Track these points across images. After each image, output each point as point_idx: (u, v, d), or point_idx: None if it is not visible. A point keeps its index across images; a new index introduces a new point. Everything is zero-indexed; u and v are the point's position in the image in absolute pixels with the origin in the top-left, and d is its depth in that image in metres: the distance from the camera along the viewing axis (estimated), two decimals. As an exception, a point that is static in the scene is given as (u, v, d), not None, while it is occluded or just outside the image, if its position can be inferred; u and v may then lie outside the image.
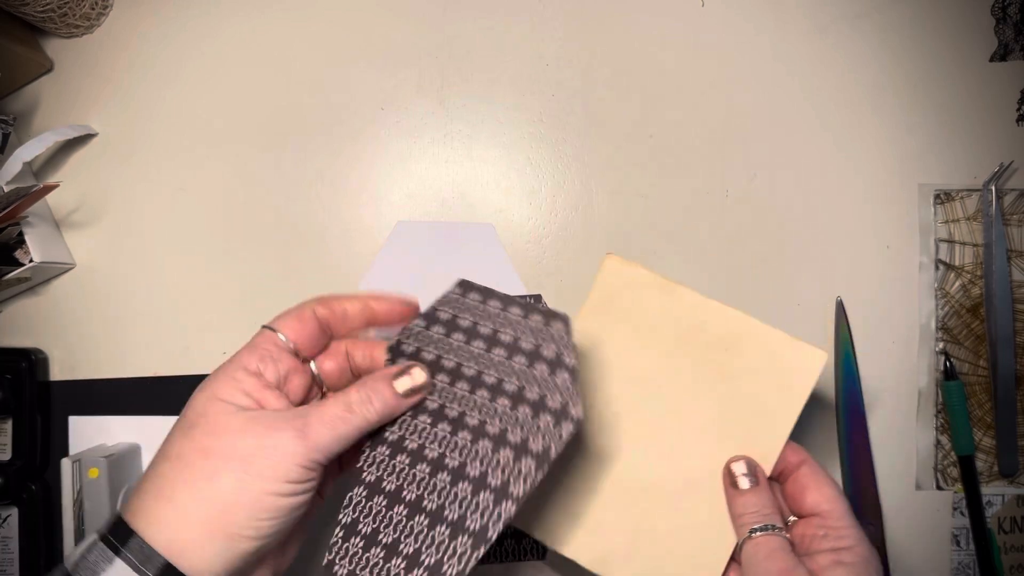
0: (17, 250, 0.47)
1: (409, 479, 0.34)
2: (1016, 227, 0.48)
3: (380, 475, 0.34)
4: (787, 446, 0.37)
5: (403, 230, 0.50)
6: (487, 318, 0.36)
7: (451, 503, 0.33)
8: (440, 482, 0.33)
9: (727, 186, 0.49)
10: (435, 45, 0.50)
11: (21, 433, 0.48)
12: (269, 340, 0.34)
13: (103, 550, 0.29)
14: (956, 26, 0.49)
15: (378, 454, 0.35)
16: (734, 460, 0.37)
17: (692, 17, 0.50)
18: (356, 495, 0.34)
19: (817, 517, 0.36)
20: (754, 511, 0.35)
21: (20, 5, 0.47)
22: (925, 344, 0.48)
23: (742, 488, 0.36)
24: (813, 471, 0.37)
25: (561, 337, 0.34)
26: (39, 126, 0.51)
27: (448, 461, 0.34)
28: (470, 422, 0.34)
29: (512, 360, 0.35)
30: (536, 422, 0.33)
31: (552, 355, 0.34)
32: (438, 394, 0.35)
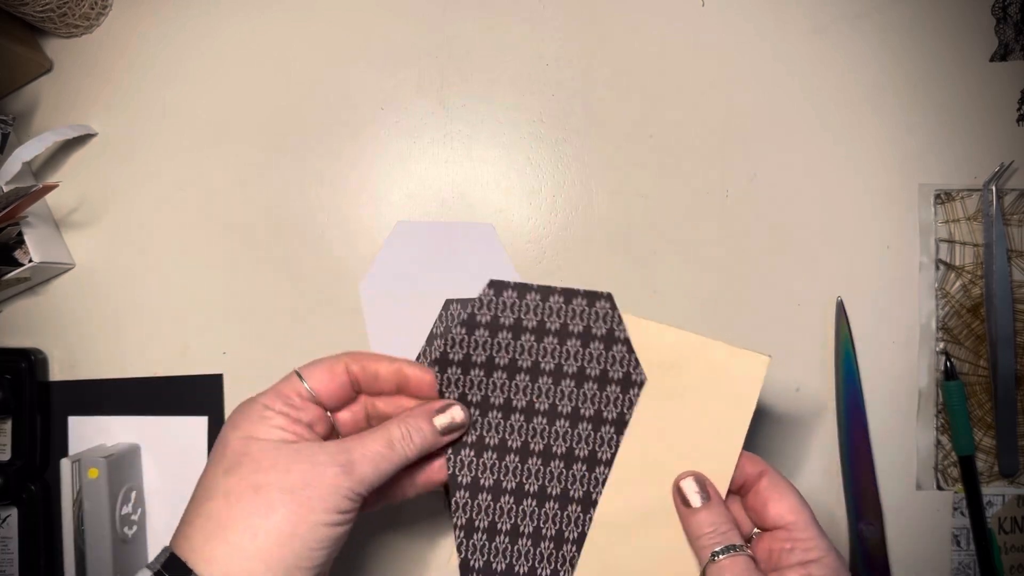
0: (17, 250, 0.47)
1: (503, 471, 0.37)
2: (1016, 227, 0.48)
3: (475, 475, 0.37)
4: (745, 458, 0.36)
5: (403, 230, 0.50)
6: (529, 311, 0.37)
7: (550, 481, 0.37)
8: (533, 466, 0.37)
9: (727, 186, 0.49)
10: (435, 45, 0.50)
11: (21, 433, 0.48)
12: (294, 389, 0.35)
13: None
14: (956, 26, 0.49)
15: (463, 457, 0.37)
16: (682, 478, 0.36)
17: (692, 17, 0.50)
18: (460, 498, 0.37)
19: (782, 530, 0.35)
20: (711, 530, 0.34)
21: (20, 5, 0.47)
22: (925, 344, 0.48)
23: (694, 506, 0.35)
24: (774, 482, 0.36)
25: (607, 313, 0.37)
26: (39, 126, 0.51)
27: (533, 446, 0.37)
28: (540, 408, 0.37)
29: (565, 345, 0.37)
30: (604, 394, 0.37)
31: (603, 332, 0.37)
32: (500, 389, 0.37)
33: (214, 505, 0.31)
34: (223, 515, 0.31)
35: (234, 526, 0.30)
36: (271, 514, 0.30)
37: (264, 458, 0.32)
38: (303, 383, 0.35)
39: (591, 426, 0.37)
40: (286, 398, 0.34)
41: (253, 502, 0.30)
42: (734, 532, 0.34)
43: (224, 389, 0.49)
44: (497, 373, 0.37)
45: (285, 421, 0.33)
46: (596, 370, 0.37)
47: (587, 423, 0.37)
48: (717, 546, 0.34)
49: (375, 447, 0.33)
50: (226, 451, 0.32)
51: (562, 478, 0.37)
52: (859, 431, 0.47)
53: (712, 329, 0.48)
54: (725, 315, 0.48)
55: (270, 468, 0.31)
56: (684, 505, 0.35)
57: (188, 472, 0.49)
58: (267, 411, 0.33)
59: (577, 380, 0.37)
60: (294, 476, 0.31)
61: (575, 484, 0.37)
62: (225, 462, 0.32)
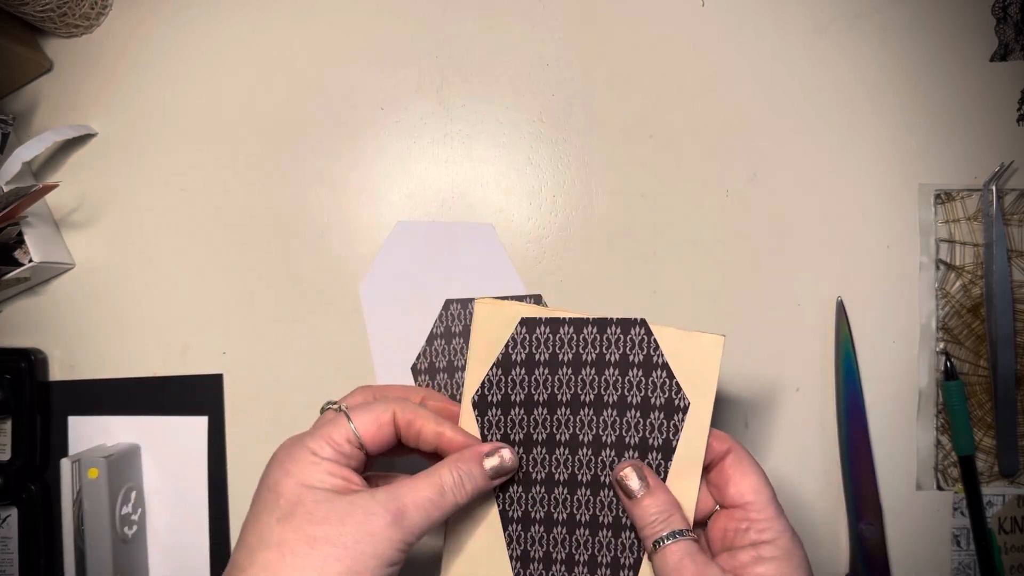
0: (17, 250, 0.47)
1: (553, 503, 0.37)
2: (1016, 227, 0.48)
3: (525, 509, 0.37)
4: (711, 435, 0.36)
5: (403, 230, 0.50)
6: (564, 345, 0.37)
7: (600, 510, 0.37)
8: (582, 496, 0.37)
9: (727, 186, 0.49)
10: (435, 45, 0.50)
11: (21, 433, 0.48)
12: (344, 435, 0.34)
13: None
14: (956, 26, 0.49)
15: (512, 494, 0.37)
16: (620, 469, 0.36)
17: (692, 17, 0.50)
18: (513, 531, 0.37)
19: (740, 509, 0.35)
20: (653, 518, 0.34)
21: (20, 5, 0.47)
22: (925, 344, 0.48)
23: (638, 496, 0.35)
24: (738, 459, 0.35)
25: (643, 340, 0.36)
26: (38, 126, 0.51)
27: (580, 477, 0.37)
28: (584, 439, 0.37)
29: (603, 375, 0.37)
30: (647, 421, 0.36)
31: (641, 358, 0.36)
32: (542, 425, 0.37)
33: (270, 556, 0.31)
34: (279, 567, 0.31)
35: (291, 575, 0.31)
36: (326, 569, 0.31)
37: (318, 510, 0.32)
38: (352, 428, 0.34)
39: (637, 454, 0.36)
40: (336, 445, 0.34)
41: (309, 557, 0.31)
42: (677, 517, 0.34)
43: (224, 389, 0.49)
44: (538, 410, 0.37)
45: (335, 468, 0.33)
46: (637, 398, 0.36)
47: (632, 451, 0.36)
48: (661, 532, 0.34)
49: (426, 494, 0.33)
50: (279, 499, 0.32)
51: (613, 507, 0.37)
52: (859, 431, 0.47)
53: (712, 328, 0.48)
54: (725, 315, 0.48)
55: (324, 521, 0.31)
56: (627, 497, 0.35)
57: (188, 472, 0.49)
58: (315, 457, 0.33)
59: (619, 409, 0.37)
60: (348, 530, 0.31)
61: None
62: (279, 511, 0.32)
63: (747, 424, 0.48)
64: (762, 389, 0.48)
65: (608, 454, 0.37)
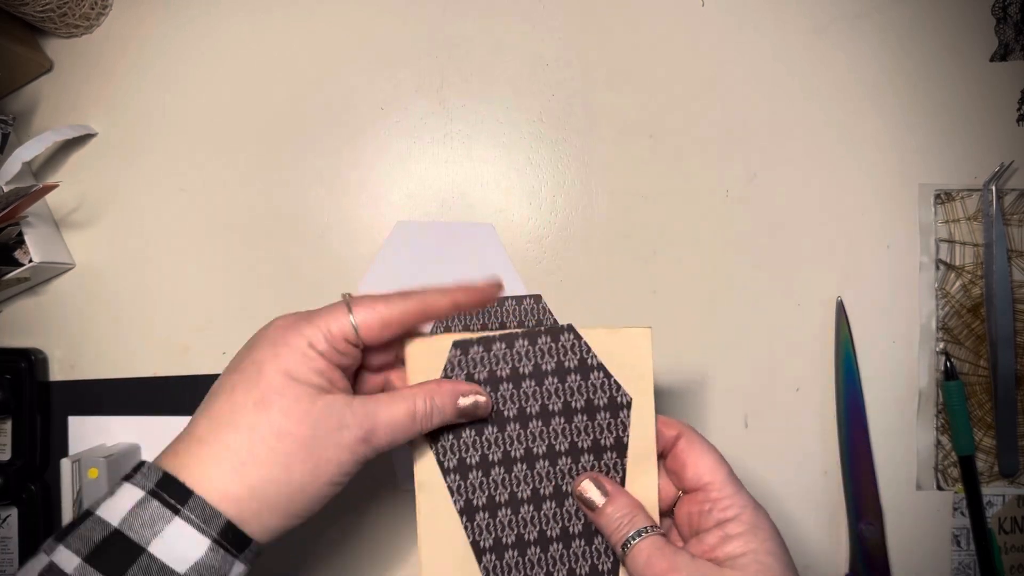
0: (17, 250, 0.47)
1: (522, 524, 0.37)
2: (1016, 227, 0.48)
3: (496, 535, 0.37)
4: (660, 422, 0.36)
5: (403, 230, 0.50)
6: (499, 362, 0.37)
7: (569, 521, 0.37)
8: (548, 510, 0.37)
9: (727, 186, 0.49)
10: (435, 45, 0.50)
11: (21, 433, 0.48)
12: (343, 330, 0.33)
13: (159, 508, 0.29)
14: (956, 26, 0.49)
15: (480, 521, 0.37)
16: (578, 483, 0.36)
17: (692, 17, 0.50)
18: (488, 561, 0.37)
19: (700, 491, 0.34)
20: (618, 523, 0.34)
21: (20, 5, 0.47)
22: (925, 344, 0.48)
23: (599, 506, 0.35)
24: (690, 442, 0.35)
25: (574, 344, 0.37)
26: (39, 126, 0.51)
27: (543, 491, 0.37)
28: (539, 451, 0.37)
29: (543, 385, 0.37)
30: (595, 423, 0.37)
31: (575, 363, 0.37)
32: (495, 444, 0.37)
33: (237, 438, 0.30)
34: (242, 451, 0.30)
35: (252, 468, 0.30)
36: (289, 469, 0.31)
37: (297, 405, 0.31)
38: (353, 326, 0.33)
39: (593, 456, 0.37)
40: (332, 339, 0.32)
41: (274, 449, 0.30)
42: (640, 516, 0.34)
43: (224, 389, 0.49)
44: (488, 429, 0.37)
45: (325, 365, 0.32)
46: (581, 401, 0.37)
47: (588, 454, 0.37)
48: (627, 533, 0.34)
49: (399, 417, 0.33)
50: (260, 379, 0.31)
51: (580, 514, 0.37)
52: (859, 431, 0.47)
53: (712, 329, 0.48)
54: (725, 315, 0.48)
55: (299, 419, 0.31)
56: (590, 509, 0.35)
57: (188, 472, 0.49)
58: (311, 350, 0.32)
59: (566, 416, 0.37)
60: (319, 435, 0.31)
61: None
62: (257, 392, 0.31)
63: (747, 424, 0.48)
64: (762, 389, 0.48)
65: (565, 462, 0.37)
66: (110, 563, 0.28)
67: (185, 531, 0.29)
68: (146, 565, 0.29)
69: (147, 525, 0.29)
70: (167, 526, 0.29)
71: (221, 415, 0.31)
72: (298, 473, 0.31)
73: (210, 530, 0.29)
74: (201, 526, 0.29)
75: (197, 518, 0.29)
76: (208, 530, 0.29)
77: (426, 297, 0.34)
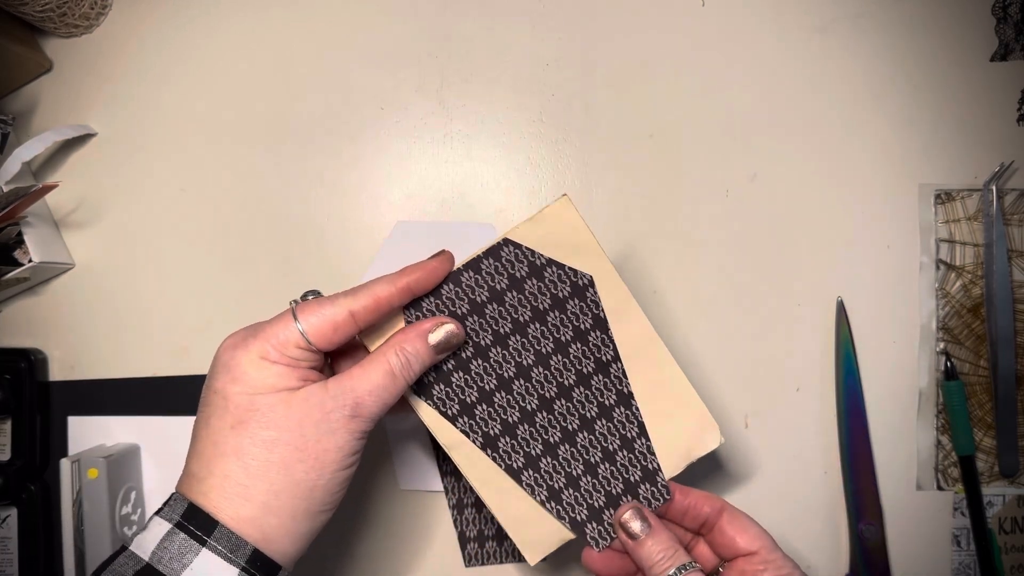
0: (16, 250, 0.47)
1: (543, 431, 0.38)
2: (1017, 227, 0.48)
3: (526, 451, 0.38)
4: (704, 498, 0.37)
5: (403, 230, 0.50)
6: (453, 301, 0.37)
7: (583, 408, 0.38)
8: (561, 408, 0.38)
9: (727, 186, 0.49)
10: (435, 45, 0.50)
11: (21, 433, 0.48)
12: (292, 339, 0.32)
13: (186, 540, 0.29)
14: (956, 26, 0.49)
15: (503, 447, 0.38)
16: (621, 514, 0.36)
17: (692, 17, 0.50)
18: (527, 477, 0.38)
19: (755, 555, 0.36)
20: (660, 556, 0.35)
21: (19, 5, 0.47)
22: (925, 344, 0.48)
23: (641, 537, 0.35)
24: (733, 516, 0.37)
25: (516, 254, 0.37)
26: (38, 126, 0.51)
27: (547, 393, 0.38)
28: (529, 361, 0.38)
29: (505, 303, 0.37)
30: (567, 313, 0.38)
31: (525, 271, 0.37)
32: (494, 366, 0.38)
33: (228, 464, 0.30)
34: (240, 475, 0.30)
35: (255, 485, 0.30)
36: (291, 472, 0.31)
37: (273, 412, 0.31)
38: (299, 329, 0.32)
39: (579, 342, 0.38)
40: (283, 348, 0.32)
41: (269, 461, 0.30)
42: (680, 552, 0.35)
43: (224, 389, 0.49)
44: (473, 363, 0.37)
45: (284, 370, 0.32)
46: (546, 301, 0.37)
47: (575, 343, 0.38)
48: (668, 570, 0.34)
49: (378, 380, 0.33)
50: (228, 405, 0.31)
51: (590, 398, 0.38)
52: (859, 431, 0.47)
53: (712, 329, 0.48)
54: (725, 315, 0.48)
55: (280, 425, 0.31)
56: (631, 539, 0.36)
57: (188, 472, 0.49)
58: (264, 362, 0.32)
59: (539, 319, 0.37)
60: (307, 431, 0.31)
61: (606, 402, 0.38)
62: (230, 417, 0.31)
63: (747, 424, 0.48)
64: (762, 389, 0.48)
65: (558, 360, 0.38)
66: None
67: (213, 561, 0.29)
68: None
69: (175, 558, 0.29)
70: (195, 558, 0.29)
71: (205, 449, 0.31)
72: (301, 473, 0.31)
73: (238, 559, 0.29)
74: (229, 556, 0.29)
75: (224, 548, 0.30)
76: (236, 559, 0.29)
77: (375, 290, 0.34)
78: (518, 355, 0.38)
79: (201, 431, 0.32)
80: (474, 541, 0.48)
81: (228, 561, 0.29)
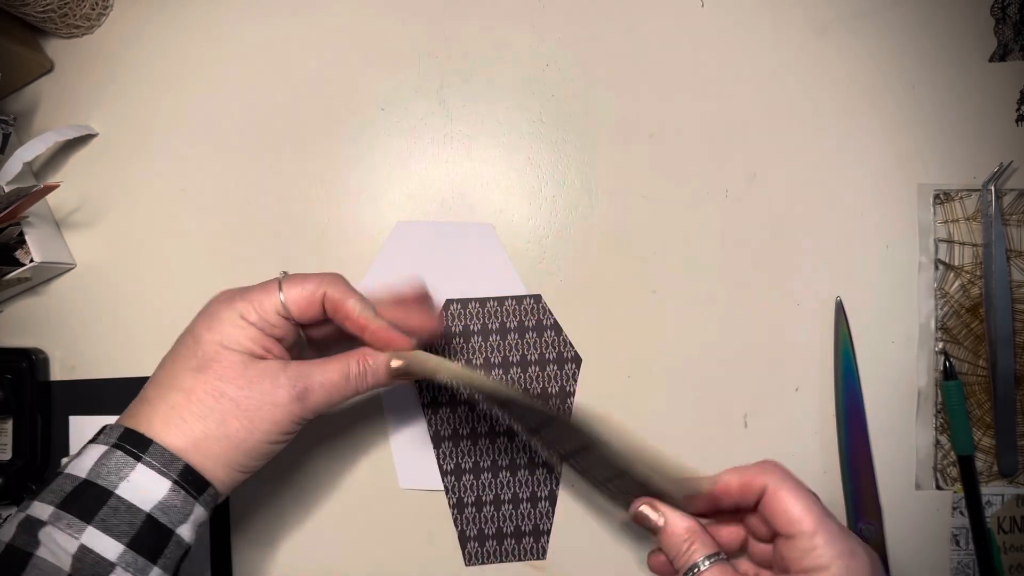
0: (17, 250, 0.47)
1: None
2: (1015, 227, 0.48)
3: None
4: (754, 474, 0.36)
5: (403, 230, 0.50)
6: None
7: None
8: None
9: (727, 186, 0.49)
10: (435, 45, 0.50)
11: (21, 433, 0.48)
12: (272, 303, 0.36)
13: (122, 457, 0.33)
14: (956, 26, 0.49)
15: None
16: (635, 508, 0.37)
17: (692, 17, 0.50)
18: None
19: (797, 537, 0.34)
20: (685, 544, 0.35)
21: (20, 5, 0.47)
22: (925, 344, 0.48)
23: (659, 525, 0.36)
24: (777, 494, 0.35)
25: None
26: (39, 126, 0.51)
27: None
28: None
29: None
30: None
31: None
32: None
33: (178, 399, 0.34)
34: (184, 409, 0.34)
35: (192, 422, 0.34)
36: (225, 424, 0.34)
37: (231, 369, 0.34)
38: (280, 298, 0.36)
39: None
40: (263, 312, 0.35)
41: (212, 408, 0.34)
42: (705, 539, 0.36)
43: (224, 389, 0.49)
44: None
45: (257, 334, 0.35)
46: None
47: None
48: (696, 558, 0.35)
49: (332, 377, 0.36)
50: (197, 350, 0.35)
51: None
52: (858, 431, 0.47)
53: (712, 328, 0.49)
54: (725, 315, 0.49)
55: (234, 379, 0.34)
56: (652, 532, 0.37)
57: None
58: (242, 321, 0.35)
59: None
60: (253, 394, 0.34)
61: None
62: (195, 360, 0.35)
63: (747, 424, 0.48)
64: (762, 389, 0.48)
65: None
66: (82, 508, 0.31)
67: (148, 475, 0.32)
68: (115, 506, 0.32)
69: (113, 472, 0.32)
70: (131, 472, 0.32)
71: (164, 380, 0.35)
72: (234, 428, 0.34)
73: (171, 473, 0.33)
74: (162, 470, 0.33)
75: (158, 463, 0.33)
76: (169, 473, 0.33)
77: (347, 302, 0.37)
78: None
79: (166, 364, 0.36)
80: (474, 540, 0.48)
81: (161, 474, 0.32)
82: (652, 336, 0.49)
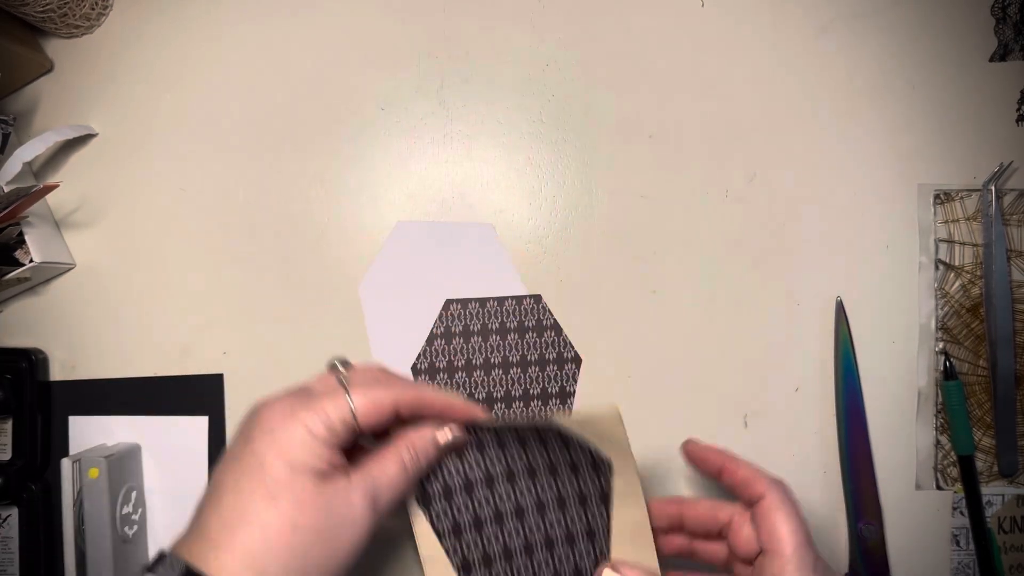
0: (17, 250, 0.47)
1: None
2: (1016, 227, 0.48)
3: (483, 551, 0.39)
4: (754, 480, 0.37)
5: (403, 230, 0.50)
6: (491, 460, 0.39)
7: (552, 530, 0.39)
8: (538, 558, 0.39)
9: (727, 186, 0.49)
10: (435, 45, 0.50)
11: (21, 433, 0.48)
12: (341, 416, 0.33)
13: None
14: (956, 26, 0.49)
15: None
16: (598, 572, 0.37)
17: (692, 17, 0.50)
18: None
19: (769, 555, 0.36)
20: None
21: (20, 5, 0.47)
22: (925, 344, 0.48)
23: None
24: (769, 507, 0.37)
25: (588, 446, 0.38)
26: (39, 126, 0.51)
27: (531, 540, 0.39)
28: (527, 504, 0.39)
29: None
30: (582, 511, 0.39)
31: (583, 460, 0.38)
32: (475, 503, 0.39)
33: (253, 538, 0.30)
34: (261, 551, 0.30)
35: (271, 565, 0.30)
36: (306, 557, 0.31)
37: (305, 497, 0.31)
38: (350, 407, 0.33)
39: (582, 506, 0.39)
40: (330, 423, 0.32)
41: (291, 544, 0.31)
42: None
43: (224, 389, 0.49)
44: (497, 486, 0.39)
45: (324, 450, 0.32)
46: (574, 461, 0.38)
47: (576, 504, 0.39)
48: None
49: (390, 471, 0.34)
50: (264, 473, 0.31)
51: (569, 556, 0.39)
52: (859, 431, 0.47)
53: (712, 328, 0.49)
54: (725, 315, 0.49)
55: (310, 511, 0.31)
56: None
57: (188, 472, 0.49)
58: (310, 437, 0.32)
59: (568, 470, 0.39)
60: (332, 520, 0.32)
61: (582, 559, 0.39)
62: (264, 488, 0.31)
63: (747, 424, 0.48)
64: (762, 389, 0.48)
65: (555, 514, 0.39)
66: None
67: None
68: None
69: None
70: None
71: (232, 516, 0.31)
72: (314, 559, 0.31)
73: None
74: None
75: None
76: None
77: (423, 391, 0.36)
78: (520, 496, 0.38)
79: (228, 493, 0.31)
80: None
81: None
82: (652, 336, 0.49)
